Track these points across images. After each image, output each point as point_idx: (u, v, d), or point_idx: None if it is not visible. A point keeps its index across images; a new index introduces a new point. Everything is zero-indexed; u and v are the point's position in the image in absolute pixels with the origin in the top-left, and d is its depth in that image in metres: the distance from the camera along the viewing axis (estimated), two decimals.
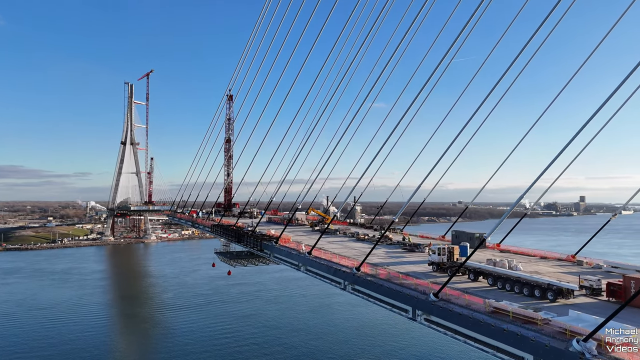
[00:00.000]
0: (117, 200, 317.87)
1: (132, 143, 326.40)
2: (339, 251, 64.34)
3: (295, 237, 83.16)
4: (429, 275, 48.92)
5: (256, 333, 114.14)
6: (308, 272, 60.34)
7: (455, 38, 46.69)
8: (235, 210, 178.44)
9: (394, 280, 44.01)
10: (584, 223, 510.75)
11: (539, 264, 54.63)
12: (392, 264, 54.72)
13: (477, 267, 46.69)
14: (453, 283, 43.01)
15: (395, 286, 41.84)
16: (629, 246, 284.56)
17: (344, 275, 50.52)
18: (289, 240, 75.60)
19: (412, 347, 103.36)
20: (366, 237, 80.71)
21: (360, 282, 47.21)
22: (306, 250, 63.04)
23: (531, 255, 61.34)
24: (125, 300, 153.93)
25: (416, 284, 41.12)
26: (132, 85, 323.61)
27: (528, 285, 40.56)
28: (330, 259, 56.59)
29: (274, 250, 73.54)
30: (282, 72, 79.96)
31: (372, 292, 44.61)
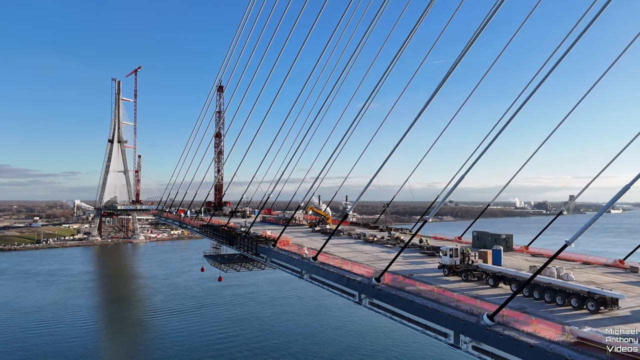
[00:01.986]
0: (104, 200, 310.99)
1: (120, 141, 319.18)
2: (347, 255, 56.32)
3: (295, 238, 74.98)
4: (440, 279, 44.30)
5: (251, 338, 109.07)
6: (313, 281, 52.09)
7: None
8: (226, 209, 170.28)
9: (426, 294, 35.48)
10: (575, 222, 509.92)
11: (587, 272, 46.78)
12: (414, 271, 46.29)
13: (497, 271, 41.84)
14: (470, 289, 39.56)
15: (431, 303, 33.28)
16: (624, 245, 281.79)
17: (359, 287, 42.24)
18: (288, 242, 67.22)
19: (420, 352, 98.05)
20: (375, 239, 72.15)
21: (382, 295, 38.67)
22: (310, 254, 54.48)
23: (571, 260, 53.16)
24: (113, 303, 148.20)
25: (457, 299, 32.53)
26: (120, 82, 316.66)
27: (562, 293, 34.96)
28: (340, 266, 47.96)
29: (272, 254, 65.07)
30: (274, 65, 73.84)
31: (399, 310, 36.08)
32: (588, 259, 52.81)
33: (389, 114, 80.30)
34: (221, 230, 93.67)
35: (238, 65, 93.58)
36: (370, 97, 53.82)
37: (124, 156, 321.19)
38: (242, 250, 78.71)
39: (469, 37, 40.64)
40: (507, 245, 60.03)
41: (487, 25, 53.18)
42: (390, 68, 49.46)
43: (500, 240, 59.94)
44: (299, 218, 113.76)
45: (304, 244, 70.06)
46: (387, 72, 47.47)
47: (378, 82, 50.65)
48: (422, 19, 43.49)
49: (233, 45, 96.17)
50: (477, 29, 54.47)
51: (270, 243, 68.69)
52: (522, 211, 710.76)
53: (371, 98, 53.58)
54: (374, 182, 44.30)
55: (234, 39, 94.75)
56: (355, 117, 56.96)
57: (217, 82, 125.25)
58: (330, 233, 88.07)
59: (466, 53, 61.48)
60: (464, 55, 49.94)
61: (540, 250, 58.78)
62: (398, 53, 46.74)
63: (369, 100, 54.08)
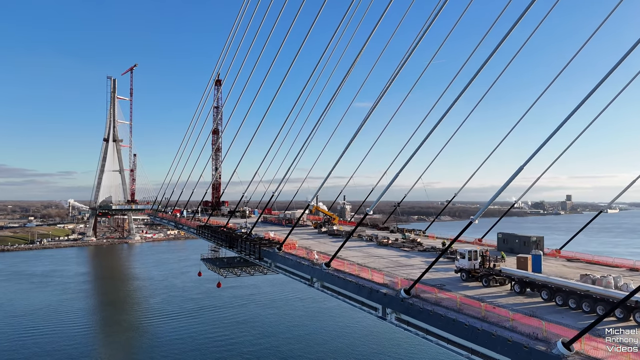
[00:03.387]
0: (99, 199, 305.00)
1: (115, 140, 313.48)
2: (362, 261, 50.43)
3: (300, 241, 69.48)
4: (458, 285, 40.75)
5: (252, 342, 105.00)
6: (325, 290, 46.16)
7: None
8: (224, 209, 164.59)
9: (469, 311, 29.63)
10: (573, 222, 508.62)
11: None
12: (445, 281, 40.53)
13: (524, 276, 38.05)
14: (492, 297, 35.90)
15: (480, 323, 27.41)
16: (624, 245, 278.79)
17: (384, 300, 36.33)
18: (294, 245, 61.41)
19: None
20: (389, 242, 66.23)
21: (414, 311, 32.78)
22: (321, 259, 48.66)
23: (613, 265, 47.38)
24: (109, 305, 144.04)
25: (512, 318, 26.70)
26: (115, 80, 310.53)
27: (605, 302, 30.91)
28: (358, 274, 42.08)
29: (277, 259, 59.32)
30: (274, 58, 71.57)
31: (437, 330, 30.21)
32: (635, 264, 47.00)
33: (394, 116, 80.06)
34: (220, 232, 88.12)
35: (237, 57, 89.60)
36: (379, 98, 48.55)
37: (120, 155, 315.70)
38: (243, 254, 72.96)
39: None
40: (537, 248, 54.26)
41: (495, 23, 53.05)
42: (398, 69, 45.84)
43: (530, 242, 54.42)
44: (302, 218, 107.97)
45: (312, 247, 64.51)
46: (395, 75, 42.25)
47: (387, 82, 45.88)
48: (432, 22, 38.38)
49: (231, 35, 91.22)
50: (490, 26, 54.80)
51: (275, 246, 62.80)
52: (520, 211, 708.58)
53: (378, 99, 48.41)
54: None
55: (233, 29, 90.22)
56: (365, 118, 52.03)
57: (215, 75, 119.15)
58: (337, 234, 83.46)
59: (473, 53, 61.68)
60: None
61: (576, 255, 52.97)
62: (409, 54, 41.79)
63: (378, 101, 48.90)
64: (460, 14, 64.05)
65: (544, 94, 59.36)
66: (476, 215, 30.05)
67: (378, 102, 52.15)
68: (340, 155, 50.52)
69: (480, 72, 35.50)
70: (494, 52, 34.84)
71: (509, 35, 52.72)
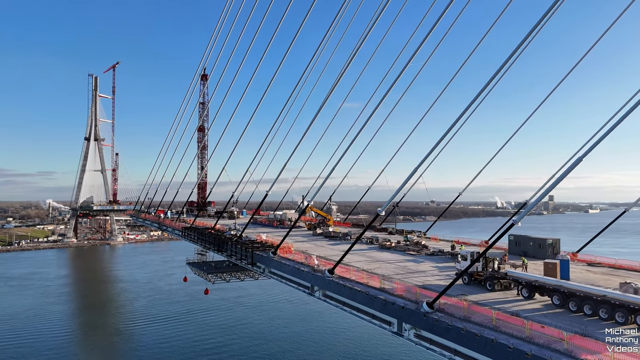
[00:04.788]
0: (80, 200, 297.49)
1: (97, 139, 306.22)
2: (367, 267, 45.87)
3: (295, 244, 65.16)
4: (459, 289, 37.64)
5: (241, 345, 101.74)
6: (328, 300, 41.55)
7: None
8: (210, 209, 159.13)
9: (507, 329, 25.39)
10: (556, 222, 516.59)
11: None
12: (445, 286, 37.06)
13: (533, 279, 35.90)
14: (500, 303, 33.50)
15: (528, 346, 23.11)
16: (608, 244, 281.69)
17: (402, 314, 31.90)
18: (290, 249, 56.77)
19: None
20: (392, 245, 61.92)
21: (440, 328, 28.37)
22: (322, 265, 44.11)
23: (634, 270, 43.66)
24: (92, 309, 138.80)
25: (567, 340, 22.53)
26: (97, 78, 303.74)
27: (624, 308, 28.95)
28: (366, 282, 37.66)
29: (272, 264, 54.64)
30: (264, 53, 67.38)
31: (472, 352, 25.80)
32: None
33: (386, 120, 78.41)
34: (207, 234, 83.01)
35: (224, 51, 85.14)
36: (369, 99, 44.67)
37: (101, 155, 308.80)
38: (233, 258, 68.06)
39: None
40: (553, 251, 50.93)
41: (493, 26, 48.92)
42: (401, 70, 44.80)
43: (546, 245, 50.86)
44: (293, 218, 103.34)
45: (309, 250, 60.23)
46: (393, 75, 38.17)
47: (378, 84, 42.27)
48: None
49: (218, 28, 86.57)
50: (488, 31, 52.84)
51: (269, 250, 58.00)
52: (504, 211, 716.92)
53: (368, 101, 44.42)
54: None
55: (220, 21, 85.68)
56: (364, 123, 48.86)
57: (201, 69, 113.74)
58: (334, 237, 79.15)
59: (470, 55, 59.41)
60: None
61: (597, 259, 49.22)
62: (398, 56, 37.70)
63: (368, 103, 45.08)
64: (451, 16, 61.58)
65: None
66: (520, 217, 25.85)
67: (367, 104, 48.70)
68: (330, 156, 46.92)
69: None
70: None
71: (481, 42, 51.31)
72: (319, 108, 59.91)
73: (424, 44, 42.46)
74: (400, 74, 44.94)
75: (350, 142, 50.62)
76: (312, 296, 46.68)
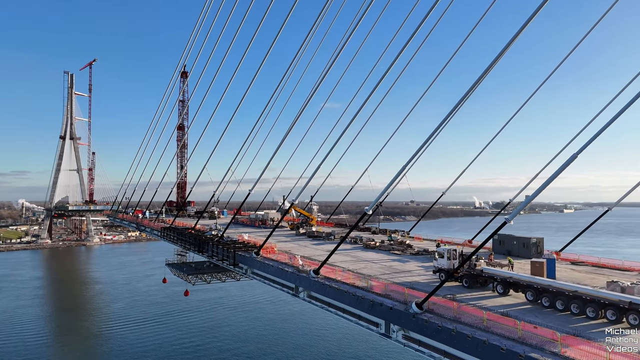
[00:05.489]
0: (55, 200, 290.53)
1: (73, 138, 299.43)
2: (352, 267, 45.25)
3: (279, 244, 64.02)
4: (435, 286, 36.30)
5: (222, 347, 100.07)
6: (313, 301, 40.77)
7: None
8: (190, 209, 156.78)
9: (498, 330, 25.01)
10: (532, 221, 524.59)
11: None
12: (423, 284, 37.59)
13: (508, 276, 36.65)
14: (476, 300, 34.50)
15: (521, 347, 22.74)
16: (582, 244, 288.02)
17: (390, 315, 31.26)
18: (273, 250, 55.87)
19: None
20: (376, 245, 61.46)
21: (429, 329, 27.86)
22: (307, 265, 43.35)
23: (623, 269, 44.07)
24: (68, 311, 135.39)
25: (561, 341, 22.24)
26: (73, 75, 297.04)
27: (595, 303, 30.00)
28: (353, 283, 37.01)
29: (255, 265, 53.65)
30: (246, 50, 67.14)
31: (463, 354, 25.30)
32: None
33: (369, 118, 78.63)
34: (187, 234, 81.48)
35: (205, 48, 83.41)
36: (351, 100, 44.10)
37: (77, 154, 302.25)
38: (215, 259, 66.83)
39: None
40: (537, 250, 51.16)
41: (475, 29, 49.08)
42: (384, 74, 44.73)
43: (530, 244, 50.97)
44: (276, 218, 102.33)
45: (292, 250, 59.39)
46: (375, 76, 37.80)
47: (360, 85, 41.84)
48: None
49: (199, 25, 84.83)
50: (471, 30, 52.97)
51: (251, 250, 56.94)
52: (482, 211, 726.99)
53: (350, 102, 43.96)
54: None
55: (200, 18, 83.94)
56: (352, 124, 47.72)
57: (181, 66, 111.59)
58: (318, 236, 78.51)
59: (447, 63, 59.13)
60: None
61: (580, 257, 49.52)
62: (390, 59, 37.43)
63: (352, 104, 44.55)
64: (433, 18, 62.02)
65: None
66: (512, 215, 25.76)
67: (349, 105, 48.59)
68: (312, 157, 46.58)
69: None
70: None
71: (462, 45, 52.16)
72: (301, 108, 59.46)
73: (407, 46, 42.32)
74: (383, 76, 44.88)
75: (334, 143, 50.30)
76: (296, 297, 45.93)
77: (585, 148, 26.63)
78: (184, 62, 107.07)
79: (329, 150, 50.90)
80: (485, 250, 55.39)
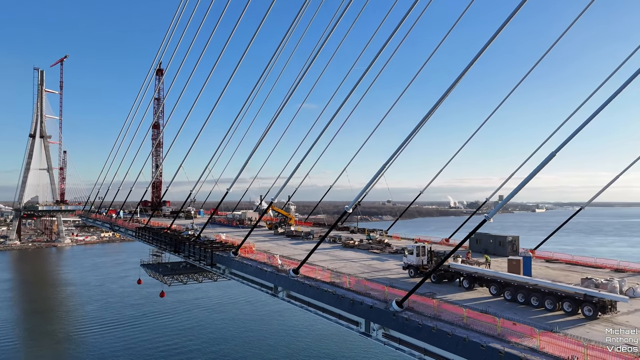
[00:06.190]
0: (24, 200, 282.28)
1: (43, 136, 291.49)
2: (331, 266, 45.24)
3: (257, 243, 63.44)
4: (406, 282, 40.48)
5: (199, 349, 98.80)
6: (292, 301, 40.64)
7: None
8: (166, 209, 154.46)
9: (477, 327, 25.32)
10: (505, 221, 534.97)
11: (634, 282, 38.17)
12: (393, 279, 38.52)
13: (473, 271, 38.32)
14: (444, 294, 35.88)
15: (502, 344, 23.06)
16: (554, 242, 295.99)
17: (370, 313, 31.32)
18: (252, 249, 55.37)
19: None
20: (355, 244, 61.67)
21: (410, 327, 28.04)
22: (286, 265, 43.17)
23: (596, 266, 45.14)
24: (38, 314, 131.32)
25: (539, 337, 22.63)
26: (43, 72, 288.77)
27: (553, 296, 31.51)
28: (332, 282, 37.01)
29: (233, 265, 53.20)
30: (224, 48, 67.10)
31: (444, 352, 25.56)
32: (619, 265, 45.03)
33: (347, 120, 79.40)
34: (163, 234, 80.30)
35: (181, 46, 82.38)
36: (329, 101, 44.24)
37: (48, 152, 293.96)
38: (192, 259, 65.97)
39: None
40: (513, 249, 51.94)
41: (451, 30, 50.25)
42: (361, 76, 45.45)
43: (506, 242, 51.88)
44: (254, 218, 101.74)
45: (271, 250, 59.09)
46: (352, 77, 37.99)
47: (338, 85, 42.02)
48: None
49: (175, 21, 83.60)
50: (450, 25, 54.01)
51: (229, 250, 56.42)
52: (457, 210, 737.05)
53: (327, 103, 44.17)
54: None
55: (176, 15, 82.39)
56: (332, 126, 47.95)
57: (156, 63, 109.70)
58: (296, 236, 78.41)
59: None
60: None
61: (554, 255, 50.60)
62: (368, 60, 38.06)
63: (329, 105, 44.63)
64: (410, 21, 62.83)
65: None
66: (492, 213, 26.25)
67: (327, 106, 49.01)
68: (290, 157, 46.38)
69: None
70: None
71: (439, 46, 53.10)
72: (279, 108, 59.25)
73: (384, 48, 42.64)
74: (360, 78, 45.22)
75: (312, 144, 50.38)
76: (275, 297, 45.73)
77: (563, 147, 27.34)
78: (160, 59, 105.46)
79: (307, 151, 50.97)
80: (463, 248, 56.19)
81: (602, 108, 30.24)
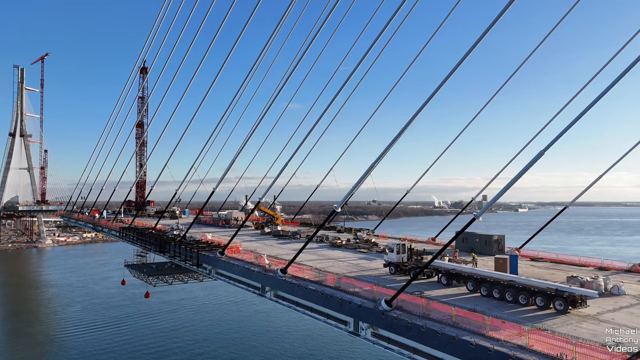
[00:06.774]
0: (3, 200, 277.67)
1: (23, 135, 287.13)
2: (319, 265, 45.23)
3: (244, 243, 62.87)
4: (387, 279, 41.73)
5: (184, 350, 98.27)
6: (280, 301, 40.41)
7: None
8: (150, 209, 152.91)
9: (466, 325, 25.45)
10: (489, 220, 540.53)
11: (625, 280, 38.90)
12: (375, 277, 39.29)
13: (451, 268, 39.54)
14: (423, 290, 36.94)
15: (491, 342, 23.16)
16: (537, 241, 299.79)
17: (359, 313, 31.38)
18: (238, 249, 55.00)
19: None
20: (342, 243, 61.70)
21: (399, 327, 28.04)
22: (274, 265, 42.96)
23: (580, 265, 45.76)
24: (19, 316, 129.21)
25: (528, 335, 22.78)
26: (23, 69, 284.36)
27: (526, 291, 32.85)
28: (320, 281, 36.92)
29: (220, 265, 52.74)
30: (209, 46, 65.74)
31: (435, 351, 25.64)
32: (603, 263, 45.64)
33: (333, 120, 78.80)
34: (148, 234, 79.41)
35: (166, 44, 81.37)
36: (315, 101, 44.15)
37: (28, 151, 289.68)
38: (177, 259, 65.28)
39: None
40: (499, 247, 52.45)
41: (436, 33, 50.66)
42: (348, 77, 46.02)
43: (492, 241, 52.37)
44: (240, 218, 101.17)
45: (258, 249, 58.82)
46: (338, 78, 38.05)
47: (324, 86, 41.96)
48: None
49: (160, 19, 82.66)
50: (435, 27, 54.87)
51: (216, 250, 55.94)
52: (441, 210, 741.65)
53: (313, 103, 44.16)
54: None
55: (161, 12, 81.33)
56: (318, 127, 47.68)
57: (140, 62, 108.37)
58: (283, 235, 78.15)
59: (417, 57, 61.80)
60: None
61: (539, 254, 51.18)
62: (355, 61, 38.34)
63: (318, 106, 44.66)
64: (396, 22, 63.38)
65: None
66: (480, 212, 26.21)
67: (313, 106, 49.21)
68: (276, 157, 46.41)
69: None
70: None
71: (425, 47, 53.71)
72: (265, 108, 59.02)
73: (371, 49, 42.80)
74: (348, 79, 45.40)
75: (299, 145, 50.45)
76: (262, 297, 45.50)
77: (551, 146, 27.66)
78: (144, 58, 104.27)
79: (293, 151, 50.92)
80: (450, 248, 56.54)
81: (588, 109, 30.77)
